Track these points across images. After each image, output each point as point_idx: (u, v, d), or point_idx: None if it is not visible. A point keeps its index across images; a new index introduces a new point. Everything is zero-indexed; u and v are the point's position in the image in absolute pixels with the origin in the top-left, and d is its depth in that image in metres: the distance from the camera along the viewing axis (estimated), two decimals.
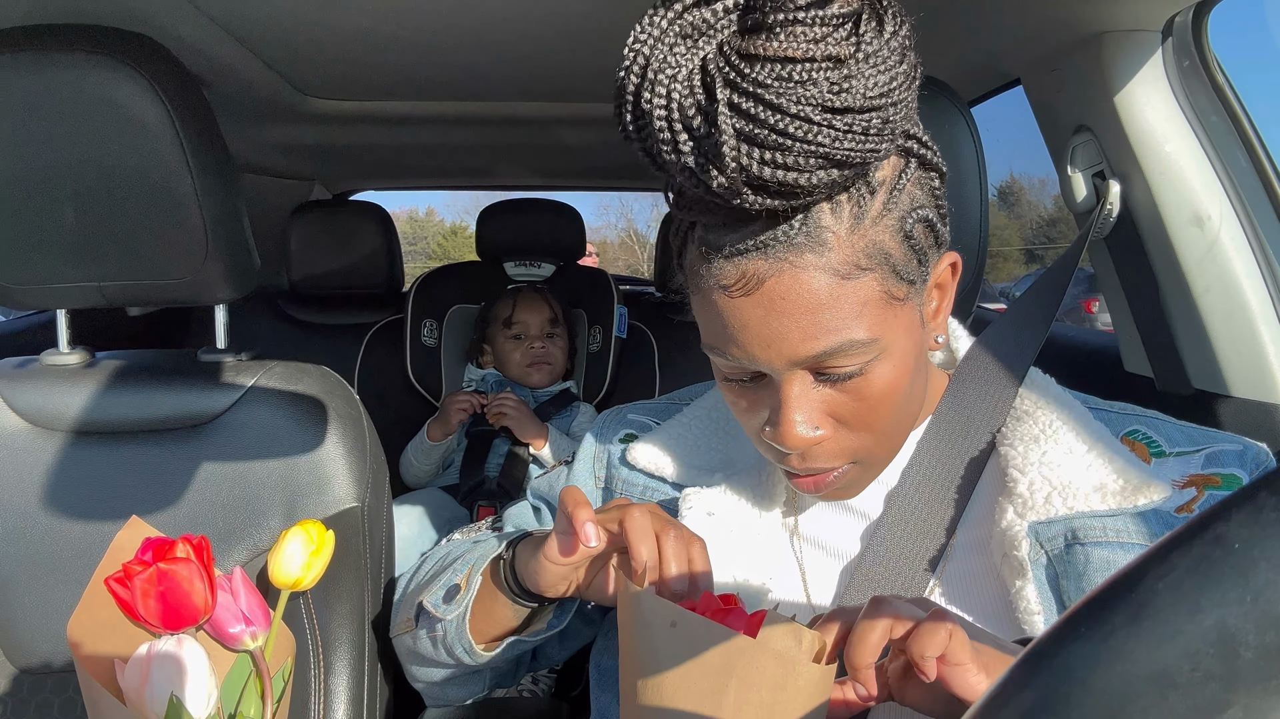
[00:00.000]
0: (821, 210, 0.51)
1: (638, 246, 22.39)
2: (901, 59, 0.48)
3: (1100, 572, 0.58)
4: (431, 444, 1.84)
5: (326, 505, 0.91)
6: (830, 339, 0.53)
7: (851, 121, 0.46)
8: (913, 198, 0.55)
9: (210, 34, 1.01)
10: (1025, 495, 0.61)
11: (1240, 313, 0.91)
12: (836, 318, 0.53)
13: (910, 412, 0.61)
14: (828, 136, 0.46)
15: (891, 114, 0.48)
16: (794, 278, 0.52)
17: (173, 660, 0.63)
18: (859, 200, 0.52)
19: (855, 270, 0.52)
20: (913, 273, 0.55)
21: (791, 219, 0.51)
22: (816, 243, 0.52)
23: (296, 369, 0.95)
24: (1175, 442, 0.65)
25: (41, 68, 0.79)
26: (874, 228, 0.53)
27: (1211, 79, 0.91)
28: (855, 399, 0.56)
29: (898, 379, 0.57)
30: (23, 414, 0.91)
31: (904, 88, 0.48)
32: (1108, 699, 0.22)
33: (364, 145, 1.79)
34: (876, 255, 0.53)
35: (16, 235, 0.85)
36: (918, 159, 0.55)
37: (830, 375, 0.55)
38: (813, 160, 0.47)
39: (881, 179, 0.53)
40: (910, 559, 0.63)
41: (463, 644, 0.70)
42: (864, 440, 0.59)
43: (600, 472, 0.79)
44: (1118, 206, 0.98)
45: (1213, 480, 0.61)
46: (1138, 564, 0.23)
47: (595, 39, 1.09)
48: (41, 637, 0.88)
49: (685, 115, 0.47)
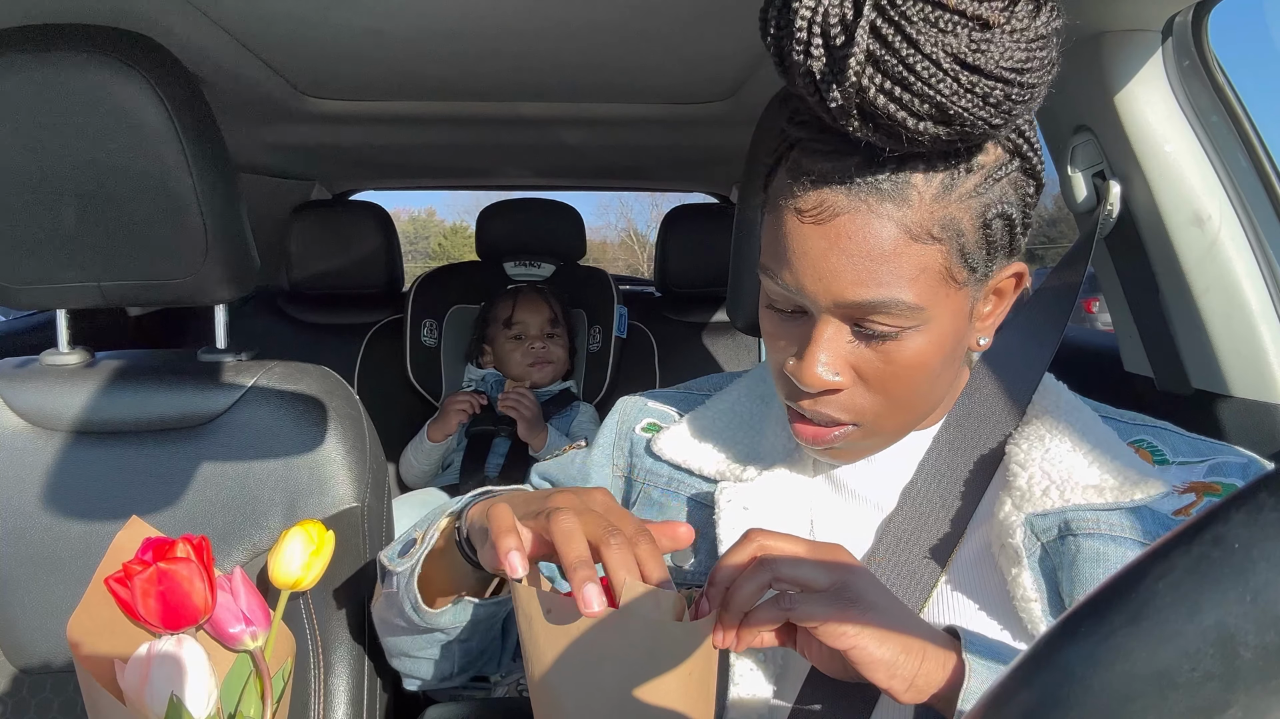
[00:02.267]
0: (916, 169, 0.53)
1: (638, 246, 22.39)
2: (1044, 47, 0.49)
3: (1089, 561, 0.58)
4: (431, 445, 1.84)
5: (326, 505, 0.91)
6: (879, 291, 0.54)
7: (976, 82, 0.47)
8: (1004, 194, 0.56)
9: (210, 34, 1.01)
10: (1024, 488, 0.61)
11: (1240, 313, 0.91)
12: (892, 273, 0.54)
13: (932, 396, 0.62)
14: (949, 88, 0.47)
15: (1016, 93, 0.48)
16: (865, 221, 0.53)
17: (173, 660, 0.63)
18: (954, 173, 0.53)
19: (926, 235, 0.53)
20: (979, 263, 0.56)
21: (885, 166, 0.52)
22: (899, 196, 0.53)
23: (296, 369, 0.95)
24: (1180, 452, 0.65)
25: (41, 68, 0.79)
26: (958, 204, 0.54)
27: (1211, 79, 0.91)
28: (883, 361, 0.57)
29: (930, 356, 0.57)
30: (23, 414, 0.91)
31: (1036, 74, 0.49)
32: (1108, 699, 0.22)
33: (364, 145, 1.79)
34: (950, 230, 0.54)
35: (16, 235, 0.85)
36: (1022, 160, 0.56)
37: (867, 330, 0.56)
38: (927, 106, 0.48)
39: (982, 163, 0.54)
40: (921, 551, 0.64)
41: (410, 599, 0.67)
42: (877, 405, 0.59)
43: (621, 460, 0.79)
44: (1118, 207, 0.98)
45: (1213, 489, 0.62)
46: (1138, 564, 0.23)
47: (596, 39, 1.09)
48: (41, 637, 0.88)
49: (828, 22, 0.48)
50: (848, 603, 0.51)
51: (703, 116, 1.48)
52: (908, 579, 0.63)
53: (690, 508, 0.73)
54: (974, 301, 0.59)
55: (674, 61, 1.20)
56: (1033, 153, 0.57)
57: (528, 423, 1.78)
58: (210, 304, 0.95)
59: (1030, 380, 0.68)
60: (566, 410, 1.91)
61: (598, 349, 2.04)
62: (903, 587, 0.63)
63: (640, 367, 2.07)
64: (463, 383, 1.98)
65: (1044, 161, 0.58)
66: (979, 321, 0.62)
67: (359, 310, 2.11)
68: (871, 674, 0.51)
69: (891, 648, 0.51)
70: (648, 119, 1.52)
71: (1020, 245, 0.59)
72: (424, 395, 2.03)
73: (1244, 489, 0.22)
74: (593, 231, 13.33)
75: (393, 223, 2.12)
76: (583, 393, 2.01)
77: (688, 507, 0.74)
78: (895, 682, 0.51)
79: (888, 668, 0.51)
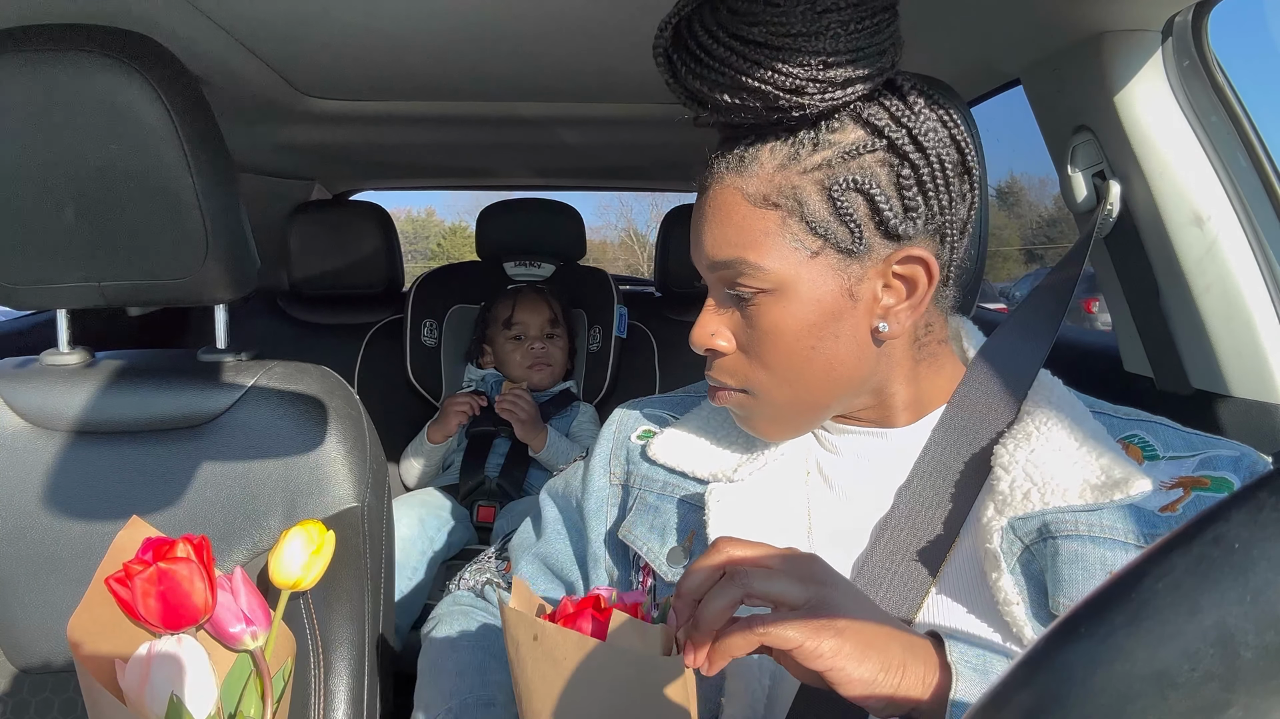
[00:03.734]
0: (764, 144, 0.61)
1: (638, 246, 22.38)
2: (849, 15, 0.56)
3: (1068, 564, 0.58)
4: (431, 446, 1.84)
5: (326, 505, 0.91)
6: (729, 251, 0.62)
7: (748, 51, 0.56)
8: (864, 171, 0.59)
9: (210, 34, 1.01)
10: (1005, 493, 0.61)
11: (1240, 313, 0.91)
12: (739, 236, 0.61)
13: (821, 372, 0.64)
14: (735, 60, 0.57)
15: (806, 60, 0.55)
16: (719, 191, 0.63)
17: (173, 660, 0.63)
18: (799, 146, 0.60)
19: (764, 201, 0.61)
20: (836, 235, 0.60)
21: (739, 144, 0.62)
22: (742, 169, 0.61)
23: (296, 369, 0.95)
24: (1172, 447, 0.65)
25: (41, 68, 0.79)
26: (801, 175, 0.60)
27: (1211, 79, 0.91)
28: (749, 325, 0.64)
29: (792, 324, 0.62)
30: (23, 414, 0.91)
31: (834, 39, 0.56)
32: (1108, 699, 0.22)
33: (364, 145, 1.79)
34: (789, 197, 0.60)
35: (16, 235, 0.85)
36: (890, 142, 0.59)
37: (736, 294, 0.63)
38: (721, 78, 0.58)
39: (834, 140, 0.59)
40: (915, 554, 0.64)
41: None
42: (758, 373, 0.65)
43: (618, 468, 0.80)
44: (1118, 207, 0.98)
45: (1202, 482, 0.61)
46: (1138, 564, 0.23)
47: (595, 39, 1.09)
48: (41, 637, 0.88)
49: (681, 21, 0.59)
50: (824, 621, 0.50)
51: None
52: (902, 581, 0.63)
53: (683, 510, 0.73)
54: (849, 279, 0.61)
55: None
56: (905, 136, 0.59)
57: (524, 425, 1.78)
58: (210, 304, 0.94)
59: (1025, 378, 0.68)
60: (566, 410, 1.91)
61: (598, 349, 2.04)
62: (897, 589, 0.63)
63: (640, 367, 2.07)
64: (463, 383, 1.98)
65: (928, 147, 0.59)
66: (875, 306, 0.63)
67: (359, 310, 2.10)
68: (849, 693, 0.50)
69: (870, 667, 0.50)
70: (648, 119, 1.52)
71: (898, 228, 0.60)
72: (424, 395, 2.03)
73: (1244, 489, 0.22)
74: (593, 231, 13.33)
75: (393, 223, 2.12)
76: (583, 393, 2.01)
77: (681, 509, 0.73)
78: (872, 700, 0.50)
79: (866, 686, 0.49)
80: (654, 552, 0.73)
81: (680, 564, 0.71)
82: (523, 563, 0.84)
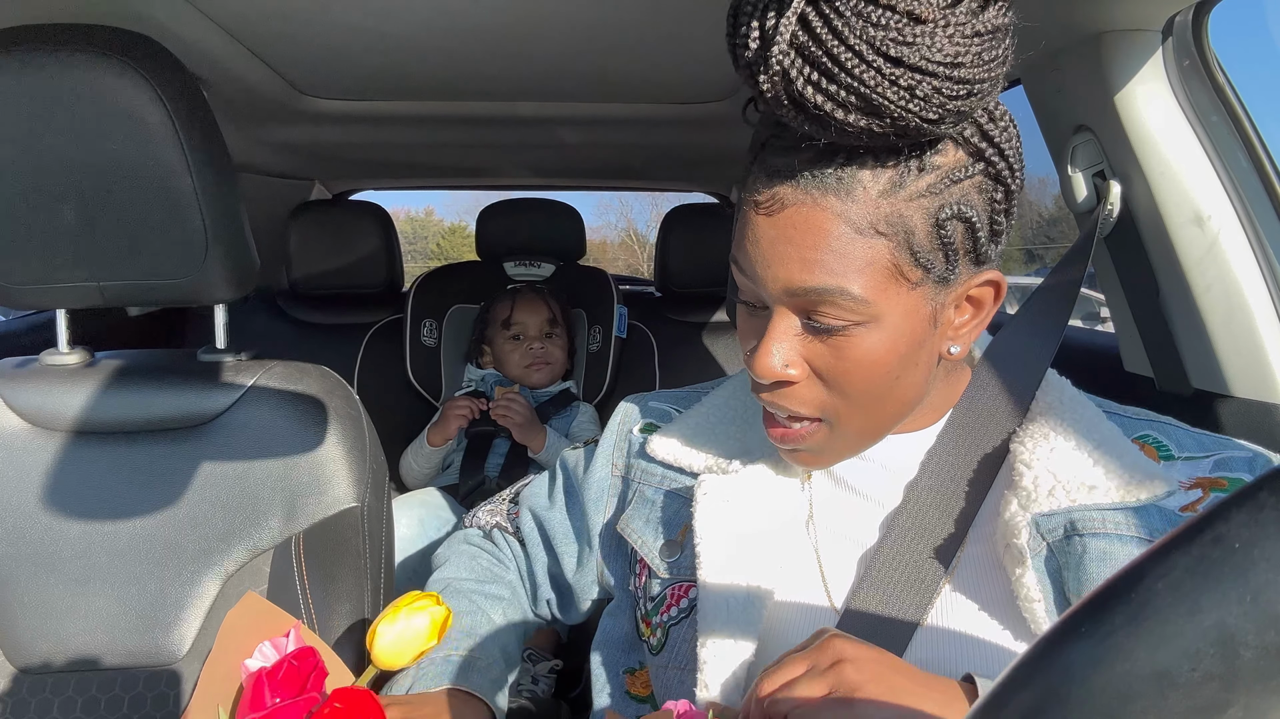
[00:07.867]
0: (865, 165, 0.54)
1: (638, 246, 22.38)
2: (986, 43, 0.49)
3: (1096, 561, 0.58)
4: (431, 449, 1.84)
5: (326, 505, 0.91)
6: (825, 279, 0.55)
7: (900, 74, 0.48)
8: (964, 196, 0.55)
9: (210, 34, 1.01)
10: (1029, 489, 0.61)
11: (1240, 313, 0.91)
12: (838, 263, 0.55)
13: (900, 398, 0.61)
14: (872, 79, 0.48)
15: (948, 88, 0.49)
16: (810, 212, 0.55)
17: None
18: (904, 171, 0.54)
19: (870, 230, 0.54)
20: (935, 264, 0.56)
21: (833, 162, 0.54)
22: (843, 190, 0.54)
23: (296, 369, 0.95)
24: (1185, 447, 0.65)
25: (42, 67, 0.79)
26: (907, 202, 0.54)
27: (1211, 79, 0.91)
28: (834, 356, 0.58)
29: (883, 355, 0.58)
30: (23, 414, 0.91)
31: (972, 69, 0.49)
32: (1108, 699, 0.22)
33: (364, 145, 1.79)
34: (897, 226, 0.54)
35: (16, 235, 0.85)
36: (988, 165, 0.56)
37: (817, 325, 0.57)
38: (853, 98, 0.49)
39: (938, 164, 0.55)
40: (925, 550, 0.64)
41: None
42: (835, 401, 0.60)
43: (620, 460, 0.81)
44: (1118, 206, 0.98)
45: (1219, 484, 0.62)
46: (1138, 564, 0.23)
47: (596, 39, 1.09)
48: (41, 637, 0.88)
49: (763, 12, 0.50)
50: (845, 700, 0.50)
51: (703, 116, 1.48)
52: (912, 578, 0.63)
53: (676, 504, 0.74)
54: (936, 306, 0.58)
55: (674, 61, 1.20)
56: (1000, 158, 0.56)
57: (520, 428, 1.78)
58: (210, 304, 0.94)
59: (1033, 378, 0.68)
60: (566, 410, 1.90)
61: (598, 349, 2.04)
62: (907, 586, 0.63)
63: (640, 367, 2.07)
64: (463, 383, 1.98)
65: (1016, 168, 0.57)
66: (949, 329, 0.61)
67: (359, 310, 2.10)
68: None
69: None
70: (648, 119, 1.52)
71: (988, 253, 0.58)
72: (424, 395, 2.02)
73: (1244, 488, 0.22)
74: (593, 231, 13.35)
75: (392, 222, 2.12)
76: (583, 393, 2.01)
77: (675, 504, 0.74)
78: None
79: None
80: (649, 546, 0.74)
81: (672, 559, 0.72)
82: (525, 520, 0.88)
